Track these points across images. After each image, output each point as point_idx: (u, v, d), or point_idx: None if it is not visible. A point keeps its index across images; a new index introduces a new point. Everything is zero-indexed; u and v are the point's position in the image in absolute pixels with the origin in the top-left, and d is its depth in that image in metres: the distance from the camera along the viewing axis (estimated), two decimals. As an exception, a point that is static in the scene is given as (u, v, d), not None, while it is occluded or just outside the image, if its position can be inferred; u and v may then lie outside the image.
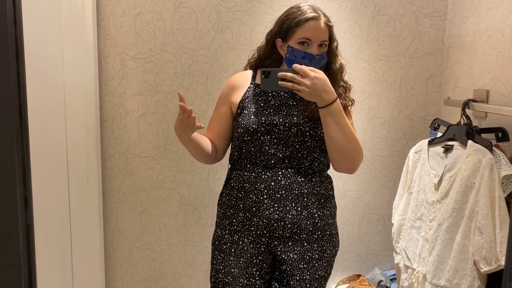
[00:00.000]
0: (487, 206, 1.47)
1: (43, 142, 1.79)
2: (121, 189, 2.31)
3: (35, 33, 1.69)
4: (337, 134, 1.42)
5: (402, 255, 1.86)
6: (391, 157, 2.37)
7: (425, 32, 2.28)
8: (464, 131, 1.65)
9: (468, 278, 1.53)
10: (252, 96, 1.53)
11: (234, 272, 1.51)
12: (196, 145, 1.52)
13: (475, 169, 1.53)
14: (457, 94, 2.14)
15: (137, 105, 2.25)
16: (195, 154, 1.57)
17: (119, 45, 2.20)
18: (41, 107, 1.77)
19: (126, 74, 2.22)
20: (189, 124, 1.42)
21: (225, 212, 1.56)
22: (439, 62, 2.31)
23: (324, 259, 1.52)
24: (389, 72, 2.31)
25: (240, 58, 2.24)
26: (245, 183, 1.50)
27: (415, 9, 2.26)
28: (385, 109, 2.34)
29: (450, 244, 1.59)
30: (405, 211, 1.89)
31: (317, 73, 1.36)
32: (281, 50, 1.53)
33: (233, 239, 1.52)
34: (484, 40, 1.90)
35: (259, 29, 2.22)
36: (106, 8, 2.17)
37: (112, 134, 2.26)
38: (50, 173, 1.86)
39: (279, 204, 1.46)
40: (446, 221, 1.61)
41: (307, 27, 1.44)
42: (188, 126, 1.43)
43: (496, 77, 1.79)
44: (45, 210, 1.81)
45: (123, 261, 2.37)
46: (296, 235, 1.48)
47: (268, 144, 1.48)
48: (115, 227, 2.33)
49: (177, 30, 2.21)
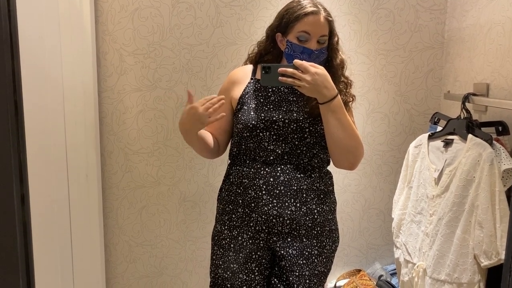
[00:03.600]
0: (487, 200, 1.47)
1: (42, 139, 1.78)
2: (121, 185, 2.31)
3: (32, 29, 1.68)
4: (337, 131, 1.41)
5: (403, 249, 1.86)
6: (391, 152, 2.37)
7: (425, 25, 2.27)
8: (464, 125, 1.64)
9: (469, 272, 1.53)
10: (252, 92, 1.53)
11: (234, 268, 1.51)
12: (201, 141, 1.49)
13: (475, 163, 1.52)
14: (457, 88, 2.13)
15: (136, 101, 2.24)
16: (199, 150, 1.54)
17: (117, 41, 2.19)
18: (39, 104, 1.76)
19: (125, 70, 2.22)
20: (203, 118, 1.36)
21: (225, 207, 1.56)
22: (439, 56, 2.30)
23: (323, 254, 1.51)
24: (389, 66, 2.30)
25: (239, 53, 2.23)
26: (244, 179, 1.50)
27: (414, 2, 2.25)
28: (385, 103, 2.33)
29: (450, 239, 1.59)
30: (405, 206, 1.88)
31: (318, 69, 1.35)
32: (281, 45, 1.52)
33: (232, 235, 1.52)
34: (484, 34, 1.89)
35: (258, 23, 2.21)
36: (104, 4, 2.16)
37: (111, 131, 2.26)
38: (49, 169, 1.85)
39: (278, 200, 1.46)
40: (446, 216, 1.60)
41: (306, 21, 1.43)
42: (200, 121, 1.37)
43: (496, 70, 1.78)
44: (44, 207, 1.80)
45: (124, 257, 2.37)
46: (295, 231, 1.48)
47: (267, 140, 1.47)
48: (115, 223, 2.33)
49: (175, 26, 2.20)
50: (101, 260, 2.26)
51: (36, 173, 1.54)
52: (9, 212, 0.71)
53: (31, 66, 1.66)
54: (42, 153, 1.78)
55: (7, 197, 0.72)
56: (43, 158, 1.80)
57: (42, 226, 1.79)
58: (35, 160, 1.57)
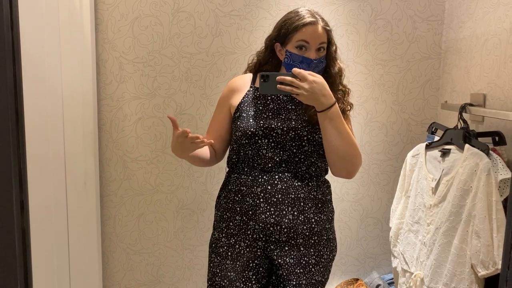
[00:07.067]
0: (484, 210, 1.47)
1: (41, 146, 1.78)
2: (119, 193, 2.31)
3: (32, 37, 1.69)
4: (335, 139, 1.42)
5: (400, 259, 1.86)
6: (388, 161, 2.38)
7: (422, 36, 2.29)
8: (461, 135, 1.66)
9: (466, 282, 1.53)
10: (251, 100, 1.54)
11: (231, 276, 1.51)
12: (195, 157, 1.53)
13: (472, 173, 1.53)
14: (454, 98, 2.15)
15: (135, 109, 2.25)
16: (194, 163, 1.58)
17: (117, 49, 2.21)
18: (38, 111, 1.77)
19: (124, 78, 2.23)
20: (191, 147, 1.41)
21: (222, 215, 1.56)
22: (436, 66, 2.32)
23: (321, 264, 1.51)
24: (387, 76, 2.32)
25: (238, 62, 2.24)
26: (242, 186, 1.50)
27: (412, 13, 2.28)
28: (383, 113, 2.34)
29: (448, 248, 1.59)
30: (402, 215, 1.89)
31: (316, 77, 1.36)
32: (279, 55, 1.53)
33: (230, 243, 1.52)
34: (480, 45, 1.91)
35: (257, 33, 2.23)
36: (104, 12, 2.18)
37: (110, 138, 2.26)
38: (48, 176, 1.85)
39: (275, 208, 1.46)
40: (444, 225, 1.61)
41: (304, 31, 1.44)
42: (188, 149, 1.43)
43: (493, 81, 1.80)
44: (42, 213, 1.80)
45: (121, 265, 2.36)
46: (292, 240, 1.48)
47: (266, 148, 1.48)
48: (112, 231, 2.33)
49: (175, 35, 2.22)
50: (99, 268, 2.25)
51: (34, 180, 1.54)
52: (8, 218, 0.72)
53: (32, 74, 1.67)
54: (41, 160, 1.78)
55: (6, 203, 0.72)
56: (41, 164, 1.80)
57: (40, 232, 1.79)
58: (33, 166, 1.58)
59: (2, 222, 0.71)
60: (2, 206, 0.72)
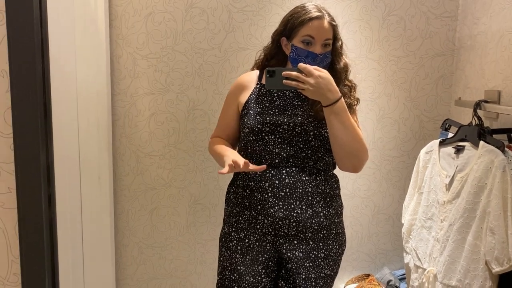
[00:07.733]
0: (499, 206, 1.47)
1: (58, 141, 1.80)
2: (132, 187, 2.33)
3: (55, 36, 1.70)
4: (341, 133, 1.43)
5: (412, 255, 1.86)
6: (400, 157, 2.37)
7: (435, 32, 2.28)
8: (476, 131, 1.65)
9: (480, 278, 1.53)
10: (258, 96, 1.55)
11: (241, 270, 1.53)
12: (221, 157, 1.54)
13: (487, 170, 1.53)
14: (467, 95, 2.14)
15: (149, 104, 2.27)
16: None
17: (131, 45, 2.22)
18: (53, 107, 1.78)
19: (138, 74, 2.24)
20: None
21: (232, 209, 1.58)
22: (449, 62, 2.31)
23: (330, 258, 1.52)
24: (400, 73, 2.31)
25: (251, 58, 2.24)
26: (250, 182, 1.52)
27: (425, 9, 2.26)
28: (395, 109, 2.34)
29: (462, 245, 1.59)
30: (415, 211, 1.89)
31: (322, 72, 1.37)
32: (286, 49, 1.54)
33: (240, 237, 1.54)
34: (495, 41, 1.90)
35: (270, 29, 2.22)
36: (118, 8, 2.19)
37: (123, 133, 2.28)
38: (63, 171, 1.87)
39: (283, 202, 1.47)
40: (458, 222, 1.61)
41: (311, 26, 1.45)
42: None
43: (508, 78, 1.79)
44: (57, 208, 1.82)
45: (134, 259, 2.39)
46: (301, 234, 1.49)
47: (273, 144, 1.49)
48: (125, 225, 2.35)
49: (188, 30, 2.22)
50: (112, 261, 2.28)
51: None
52: (37, 212, 0.73)
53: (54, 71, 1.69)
54: (58, 156, 1.80)
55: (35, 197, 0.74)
56: (57, 159, 1.82)
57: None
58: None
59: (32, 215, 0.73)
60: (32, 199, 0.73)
